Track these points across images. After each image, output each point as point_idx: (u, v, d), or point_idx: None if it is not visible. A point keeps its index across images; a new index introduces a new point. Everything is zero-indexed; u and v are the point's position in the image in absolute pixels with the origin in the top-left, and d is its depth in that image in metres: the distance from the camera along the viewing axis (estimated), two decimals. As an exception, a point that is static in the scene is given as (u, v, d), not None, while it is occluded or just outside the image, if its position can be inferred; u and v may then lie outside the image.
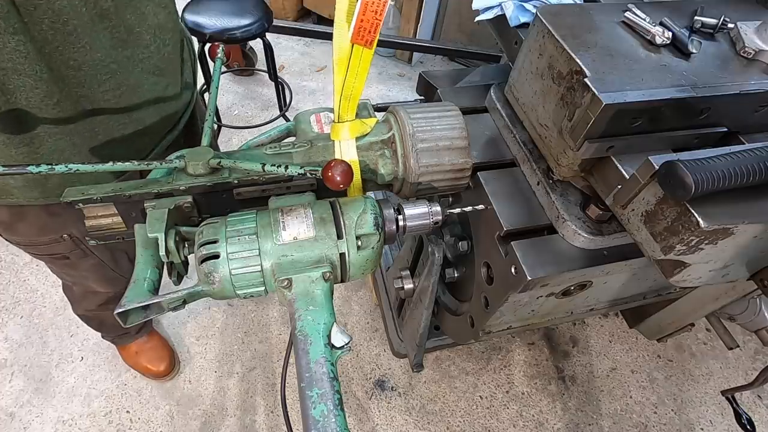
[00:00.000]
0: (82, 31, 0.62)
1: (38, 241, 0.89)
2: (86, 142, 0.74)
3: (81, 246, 0.93)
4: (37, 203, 0.79)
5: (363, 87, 0.60)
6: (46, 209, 0.82)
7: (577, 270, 0.76)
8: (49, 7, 0.57)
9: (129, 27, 0.69)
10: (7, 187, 0.75)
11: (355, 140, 0.67)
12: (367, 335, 1.76)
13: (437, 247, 1.02)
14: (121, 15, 0.67)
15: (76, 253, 0.95)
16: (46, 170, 0.53)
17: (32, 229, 0.86)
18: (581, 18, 0.74)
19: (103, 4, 0.63)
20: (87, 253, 0.96)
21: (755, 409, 1.70)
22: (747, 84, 0.67)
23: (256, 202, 0.67)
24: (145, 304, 0.56)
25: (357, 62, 0.56)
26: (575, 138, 0.68)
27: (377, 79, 2.79)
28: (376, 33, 0.52)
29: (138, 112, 0.78)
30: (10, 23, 0.55)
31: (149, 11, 0.72)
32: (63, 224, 0.86)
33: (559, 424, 1.60)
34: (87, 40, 0.64)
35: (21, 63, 0.59)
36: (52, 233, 0.88)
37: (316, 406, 0.46)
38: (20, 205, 0.79)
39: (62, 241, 0.90)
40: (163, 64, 0.79)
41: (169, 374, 1.59)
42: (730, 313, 1.12)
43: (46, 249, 0.92)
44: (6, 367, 1.59)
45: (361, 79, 0.58)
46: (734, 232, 0.56)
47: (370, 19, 0.51)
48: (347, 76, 0.58)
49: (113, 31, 0.67)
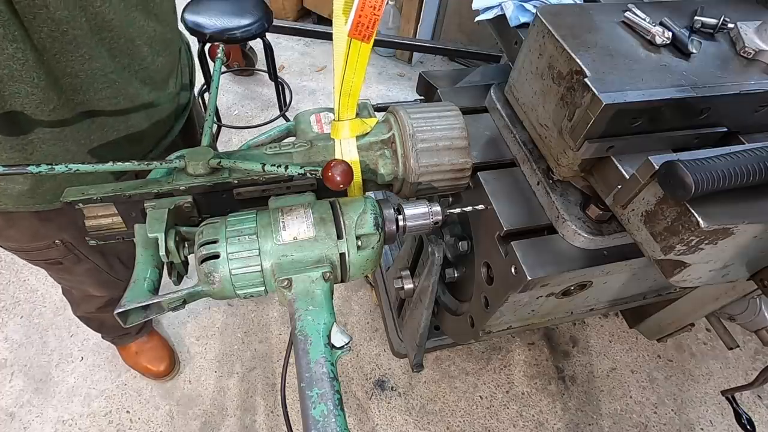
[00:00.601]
0: (81, 41, 0.62)
1: (30, 246, 0.89)
2: (81, 148, 0.74)
3: (74, 251, 0.93)
4: (26, 210, 0.78)
5: (362, 83, 0.60)
6: (38, 215, 0.81)
7: (577, 270, 0.76)
8: (48, 16, 0.57)
9: (129, 39, 0.69)
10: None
11: (356, 140, 0.67)
12: (367, 335, 1.76)
13: (437, 247, 1.02)
14: (121, 27, 0.67)
15: (69, 258, 0.95)
16: (46, 170, 0.53)
17: (24, 236, 0.85)
18: (581, 18, 0.74)
19: (103, 15, 0.63)
20: (81, 258, 0.96)
21: (755, 409, 1.70)
22: (747, 84, 0.67)
23: (256, 202, 0.67)
24: (145, 304, 0.56)
25: (355, 57, 0.56)
26: (575, 138, 0.68)
27: (377, 79, 2.79)
28: (374, 28, 0.52)
29: (134, 118, 0.78)
30: (10, 30, 0.55)
31: (149, 25, 0.72)
32: (56, 230, 0.86)
33: (559, 424, 1.60)
34: (86, 50, 0.64)
35: (18, 70, 0.58)
36: (44, 239, 0.87)
37: (316, 406, 0.46)
38: (9, 211, 0.78)
39: (55, 246, 0.89)
40: (161, 74, 0.79)
41: (169, 374, 1.59)
42: (730, 313, 1.12)
43: (38, 254, 0.91)
44: (6, 367, 1.59)
45: (359, 75, 0.58)
46: (734, 232, 0.56)
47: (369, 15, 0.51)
48: (346, 71, 0.58)
49: (112, 43, 0.67)
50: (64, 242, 0.89)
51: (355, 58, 0.56)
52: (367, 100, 0.76)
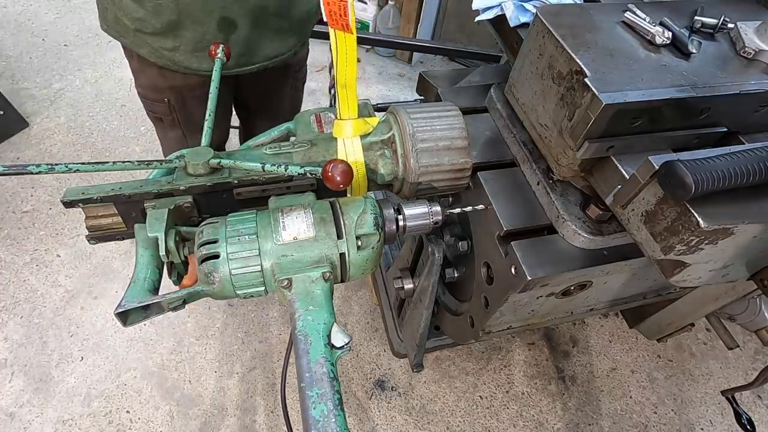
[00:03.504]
0: None
1: (150, 96, 1.15)
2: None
3: (174, 114, 1.17)
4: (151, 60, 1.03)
5: (356, 74, 0.60)
6: (159, 70, 1.06)
7: (577, 270, 0.76)
8: None
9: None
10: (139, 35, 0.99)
11: (360, 139, 0.67)
12: (367, 335, 1.76)
13: (437, 247, 1.02)
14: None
15: (169, 120, 1.19)
16: (46, 170, 0.53)
17: (149, 83, 1.11)
18: (581, 18, 0.74)
19: None
20: (175, 124, 1.20)
21: (755, 409, 1.70)
22: (747, 84, 0.67)
23: (256, 202, 0.67)
24: (145, 304, 0.56)
25: (343, 47, 0.57)
26: (575, 138, 0.68)
27: (377, 79, 2.79)
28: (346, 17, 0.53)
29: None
30: None
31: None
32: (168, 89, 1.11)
33: (559, 424, 1.60)
34: None
35: None
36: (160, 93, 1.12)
37: (316, 406, 0.46)
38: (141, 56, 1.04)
39: (164, 103, 1.14)
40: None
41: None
42: (730, 313, 1.12)
43: (153, 105, 1.17)
44: (6, 367, 1.59)
45: (351, 66, 0.59)
46: (734, 232, 0.56)
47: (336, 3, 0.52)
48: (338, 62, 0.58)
49: None
50: (170, 103, 1.14)
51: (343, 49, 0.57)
52: (367, 100, 0.76)
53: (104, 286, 1.79)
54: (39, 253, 1.85)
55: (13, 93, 2.37)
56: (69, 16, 2.95)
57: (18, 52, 2.67)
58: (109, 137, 2.30)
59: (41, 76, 2.55)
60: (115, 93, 2.50)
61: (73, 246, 1.88)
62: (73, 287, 1.78)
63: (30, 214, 1.96)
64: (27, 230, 1.91)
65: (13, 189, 2.03)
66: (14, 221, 1.93)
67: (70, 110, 2.39)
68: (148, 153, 2.26)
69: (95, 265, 1.83)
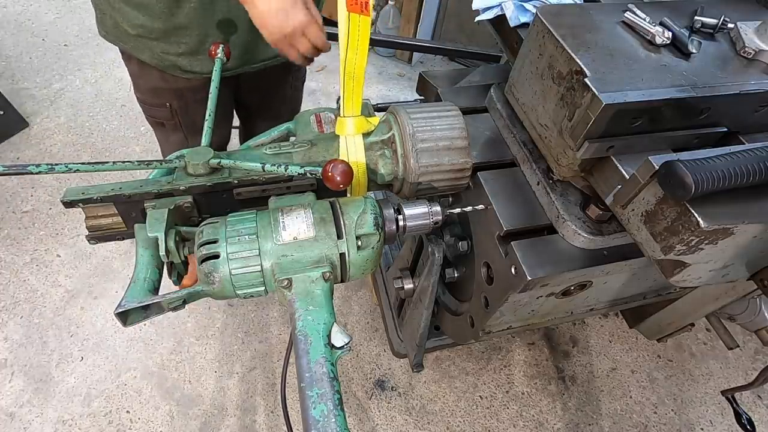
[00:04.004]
0: None
1: (150, 101, 1.13)
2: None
3: (176, 118, 1.15)
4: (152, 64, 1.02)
5: (365, 65, 0.60)
6: (160, 74, 1.05)
7: (577, 270, 0.76)
8: None
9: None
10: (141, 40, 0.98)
11: (362, 138, 0.66)
12: (367, 335, 1.76)
13: (437, 247, 1.02)
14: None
15: (171, 124, 1.17)
16: (45, 170, 0.53)
17: (149, 88, 1.10)
18: (581, 18, 0.74)
19: None
20: (177, 128, 1.18)
21: (755, 409, 1.70)
22: (747, 84, 0.67)
23: (256, 202, 0.67)
24: (145, 304, 0.56)
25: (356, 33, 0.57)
26: (575, 138, 0.68)
27: (377, 79, 2.79)
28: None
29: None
30: None
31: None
32: (169, 94, 1.09)
33: (559, 424, 1.60)
34: None
35: None
36: (160, 98, 1.11)
37: (316, 406, 0.46)
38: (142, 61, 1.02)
39: (165, 108, 1.12)
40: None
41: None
42: (730, 313, 1.12)
43: (153, 110, 1.15)
44: (6, 367, 1.59)
45: (362, 55, 0.59)
46: (734, 232, 0.56)
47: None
48: (348, 51, 0.58)
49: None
50: (172, 108, 1.12)
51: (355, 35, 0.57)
52: (367, 100, 0.76)
53: (104, 286, 1.79)
54: (39, 253, 1.85)
55: (13, 93, 2.37)
56: (69, 16, 2.95)
57: (18, 52, 2.67)
58: (109, 137, 2.30)
59: (41, 76, 2.55)
60: (115, 93, 2.50)
61: (73, 246, 1.88)
62: (73, 287, 1.78)
63: (30, 214, 1.96)
64: (27, 230, 1.91)
65: (13, 189, 2.03)
66: (14, 221, 1.93)
67: (70, 110, 2.39)
68: (148, 153, 2.26)
69: (95, 265, 1.83)
